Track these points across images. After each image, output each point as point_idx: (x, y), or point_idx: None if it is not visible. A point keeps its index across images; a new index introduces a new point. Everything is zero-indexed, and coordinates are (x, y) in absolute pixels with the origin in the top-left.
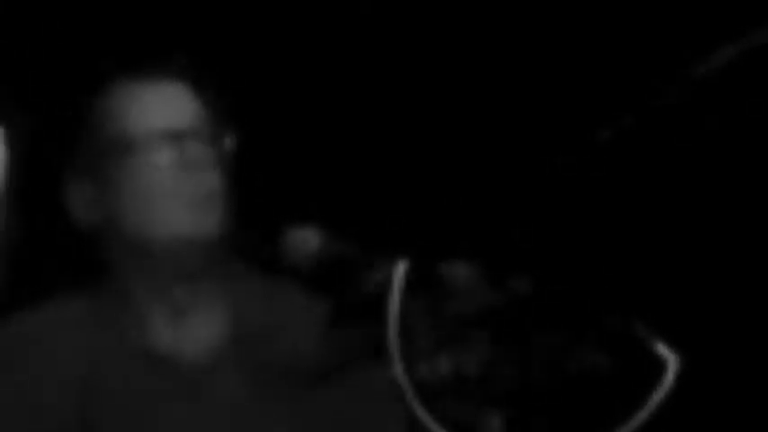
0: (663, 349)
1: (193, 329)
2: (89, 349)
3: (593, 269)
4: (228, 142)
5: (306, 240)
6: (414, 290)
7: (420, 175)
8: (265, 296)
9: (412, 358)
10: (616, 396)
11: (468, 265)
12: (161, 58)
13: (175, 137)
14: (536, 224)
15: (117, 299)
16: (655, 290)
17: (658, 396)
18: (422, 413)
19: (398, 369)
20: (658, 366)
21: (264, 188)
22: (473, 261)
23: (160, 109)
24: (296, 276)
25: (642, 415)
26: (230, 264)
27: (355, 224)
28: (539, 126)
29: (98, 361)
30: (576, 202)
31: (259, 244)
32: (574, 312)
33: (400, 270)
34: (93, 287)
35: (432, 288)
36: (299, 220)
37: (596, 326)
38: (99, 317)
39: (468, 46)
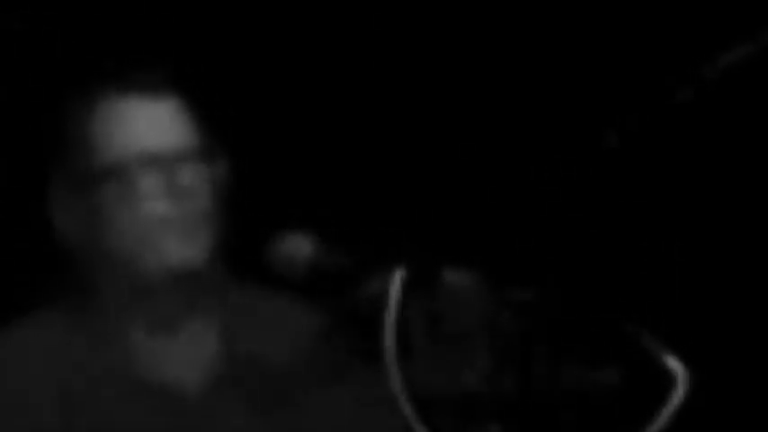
0: (672, 362)
1: (183, 351)
2: (74, 368)
3: (598, 279)
4: (220, 161)
5: (298, 247)
6: (411, 300)
7: (419, 181)
8: (257, 312)
9: (410, 370)
10: (622, 411)
11: (468, 275)
12: (150, 70)
13: (162, 161)
14: (539, 232)
15: (100, 318)
16: (664, 300)
17: (668, 412)
18: (420, 427)
19: (396, 381)
20: (667, 380)
21: (256, 193)
22: (473, 270)
23: (146, 131)
24: (288, 285)
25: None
26: (220, 278)
27: (350, 230)
28: (542, 131)
29: (81, 382)
30: (581, 208)
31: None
32: (578, 323)
33: (397, 279)
34: (72, 303)
35: (430, 298)
36: (290, 226)
37: (602, 337)
38: (80, 336)
39: (471, 50)
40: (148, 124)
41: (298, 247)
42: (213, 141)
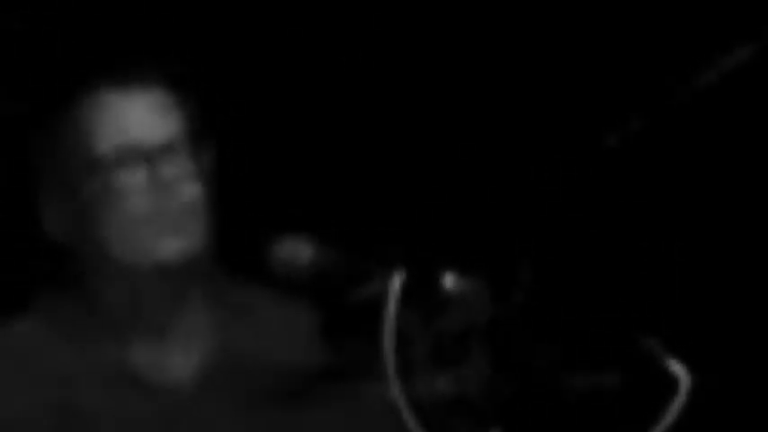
0: (675, 366)
1: (176, 351)
2: (66, 367)
3: (600, 281)
4: (207, 153)
5: (297, 250)
6: (411, 303)
7: (419, 183)
8: (253, 312)
9: (409, 374)
10: (624, 416)
11: (468, 277)
12: (135, 65)
13: (148, 155)
14: (540, 234)
15: (93, 316)
16: (667, 303)
17: (670, 416)
18: (419, 430)
19: (394, 386)
20: (670, 384)
21: (254, 196)
22: (473, 272)
23: (132, 124)
24: (287, 288)
25: None
26: (215, 278)
27: (349, 233)
28: (543, 132)
29: (74, 381)
30: (583, 211)
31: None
32: (580, 327)
33: (396, 282)
34: (65, 300)
35: (430, 301)
36: (290, 228)
37: (604, 341)
38: (73, 334)
39: (470, 51)
40: (133, 118)
41: (298, 249)
42: (201, 134)
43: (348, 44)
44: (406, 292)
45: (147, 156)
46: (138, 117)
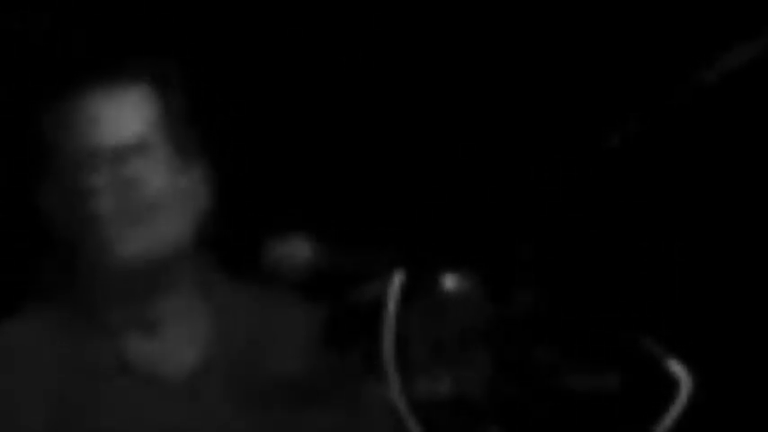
0: (675, 367)
1: (173, 346)
2: (62, 363)
3: (601, 281)
4: (187, 144)
5: (297, 249)
6: (411, 303)
7: (418, 182)
8: (252, 309)
9: (409, 375)
10: (625, 417)
11: (468, 277)
12: (119, 62)
13: (116, 155)
14: (541, 234)
15: (89, 312)
16: (667, 304)
17: (671, 416)
18: (418, 430)
19: (394, 387)
20: (670, 385)
21: (253, 195)
22: (474, 273)
23: (101, 125)
24: (287, 287)
25: None
26: (212, 274)
27: (348, 233)
28: (543, 131)
29: (72, 376)
30: (584, 211)
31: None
32: (581, 327)
33: (396, 282)
34: (60, 298)
35: (430, 301)
36: (288, 228)
37: (604, 342)
38: (71, 329)
39: (470, 51)
40: (103, 117)
41: (297, 249)
42: (182, 122)
43: (348, 44)
44: (406, 292)
45: (112, 156)
46: (108, 118)
